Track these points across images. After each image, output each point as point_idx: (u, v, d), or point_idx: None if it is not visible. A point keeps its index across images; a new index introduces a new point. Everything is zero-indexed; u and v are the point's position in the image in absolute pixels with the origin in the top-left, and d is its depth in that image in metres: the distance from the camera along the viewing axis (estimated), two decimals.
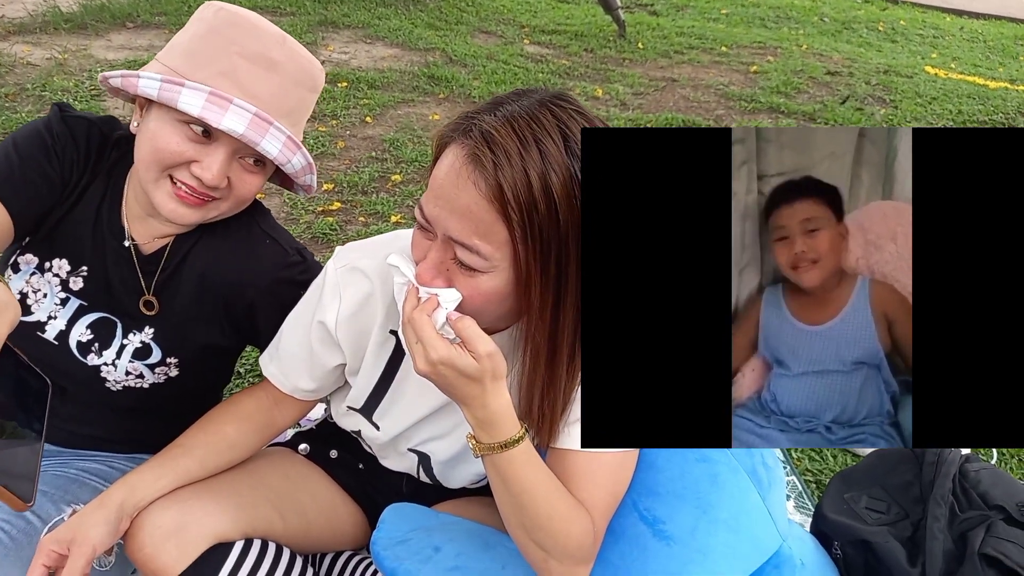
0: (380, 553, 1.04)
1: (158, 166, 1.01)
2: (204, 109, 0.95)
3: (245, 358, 1.98)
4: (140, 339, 1.14)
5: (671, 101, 4.53)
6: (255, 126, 0.97)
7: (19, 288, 1.10)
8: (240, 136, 0.97)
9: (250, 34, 1.00)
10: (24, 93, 3.61)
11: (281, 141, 1.00)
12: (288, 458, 1.22)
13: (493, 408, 0.85)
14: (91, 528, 0.95)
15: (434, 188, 0.84)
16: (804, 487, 1.71)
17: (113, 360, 1.13)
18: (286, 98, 1.03)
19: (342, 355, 1.06)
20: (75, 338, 1.12)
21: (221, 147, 1.00)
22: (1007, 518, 1.12)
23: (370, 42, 5.02)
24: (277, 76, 1.01)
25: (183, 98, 0.95)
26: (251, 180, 1.06)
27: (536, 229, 0.80)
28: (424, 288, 0.85)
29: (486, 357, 0.83)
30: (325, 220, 2.75)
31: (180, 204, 1.03)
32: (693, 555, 1.00)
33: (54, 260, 1.11)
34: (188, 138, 0.99)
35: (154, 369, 1.15)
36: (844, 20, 7.40)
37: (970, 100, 4.93)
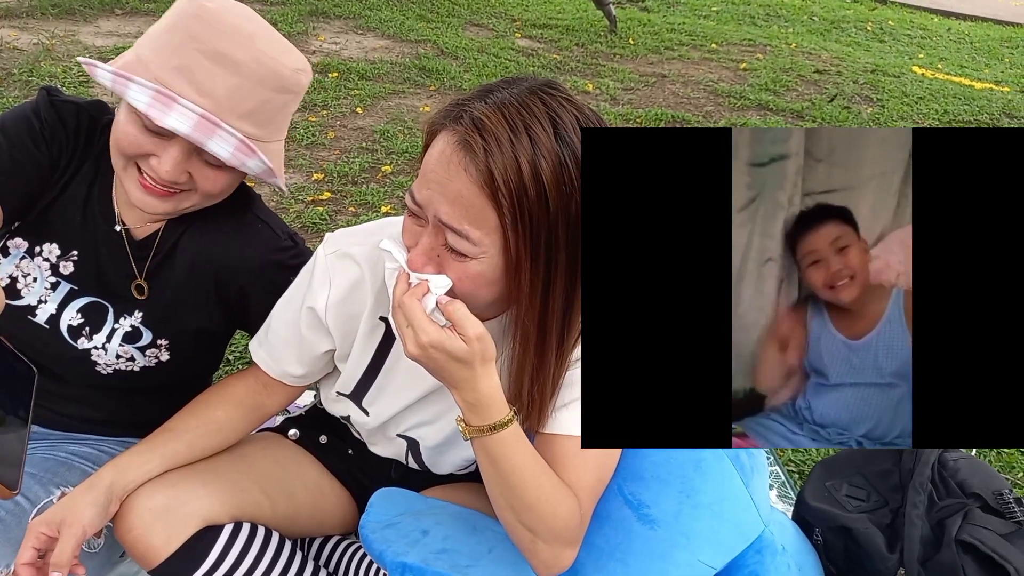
0: (368, 536, 1.06)
1: (121, 155, 1.01)
2: (150, 106, 0.94)
3: (234, 345, 1.98)
4: (131, 323, 1.14)
5: (661, 97, 4.55)
6: (201, 127, 0.96)
7: (8, 272, 1.10)
8: (186, 136, 0.96)
9: (214, 31, 0.98)
10: (11, 78, 3.58)
11: (232, 144, 0.98)
12: (278, 443, 1.22)
13: (483, 391, 0.86)
14: (81, 510, 0.95)
15: (425, 174, 0.85)
16: (787, 477, 1.74)
17: (103, 344, 1.13)
18: (244, 99, 0.99)
19: (331, 341, 1.07)
20: (65, 322, 1.12)
21: (176, 144, 0.99)
22: (984, 506, 1.15)
23: (361, 33, 5.01)
24: (236, 77, 0.98)
25: (131, 93, 0.95)
26: (214, 176, 1.04)
27: (526, 215, 0.81)
28: (415, 274, 0.86)
29: (475, 340, 0.84)
30: (315, 209, 2.75)
31: (146, 194, 1.02)
32: (677, 539, 1.01)
33: (44, 244, 1.11)
34: (144, 131, 0.99)
35: (145, 352, 1.15)
36: (833, 19, 7.45)
37: (956, 100, 4.99)
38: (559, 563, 0.93)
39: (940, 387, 0.76)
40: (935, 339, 0.76)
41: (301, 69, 1.05)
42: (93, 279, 1.12)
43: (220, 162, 1.02)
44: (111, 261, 1.12)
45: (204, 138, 0.97)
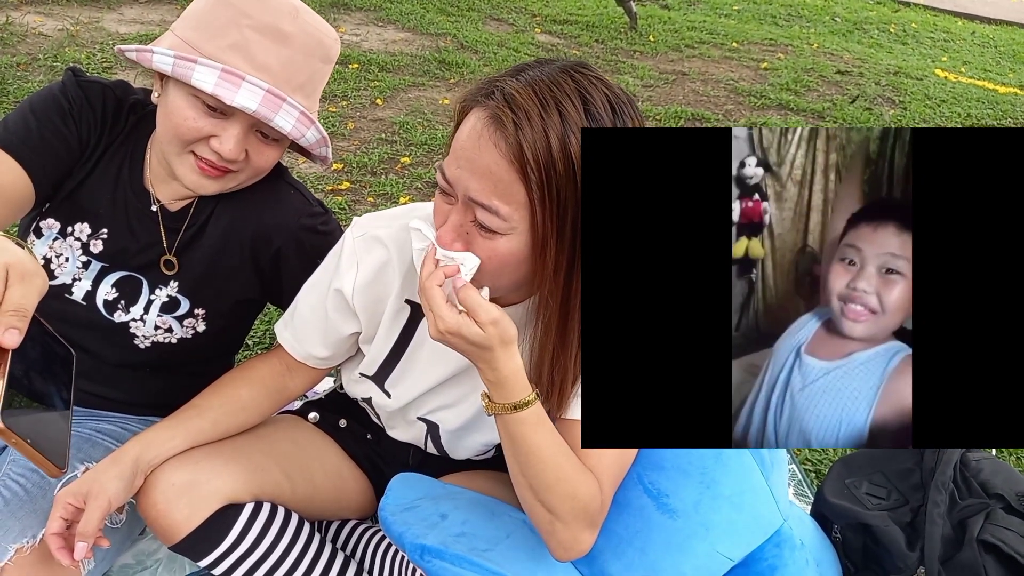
0: (388, 519, 1.06)
1: (179, 141, 1.02)
2: (217, 86, 0.95)
3: (254, 330, 2.00)
4: (167, 293, 1.15)
5: (680, 95, 4.53)
6: (268, 102, 0.98)
7: (42, 253, 1.11)
8: (253, 113, 0.97)
9: (261, 5, 1.00)
10: (36, 63, 3.61)
11: (295, 116, 1.01)
12: (298, 425, 1.23)
13: (503, 372, 0.87)
14: (107, 482, 0.97)
15: (456, 150, 0.85)
16: (804, 476, 1.73)
17: (141, 315, 1.14)
18: (298, 71, 1.02)
19: (357, 323, 1.07)
20: (101, 297, 1.13)
21: (237, 122, 1.01)
22: (1006, 507, 1.14)
23: (381, 25, 5.01)
24: (288, 48, 1.00)
25: (196, 75, 0.95)
26: (268, 152, 1.07)
27: (554, 190, 0.81)
28: (443, 251, 0.86)
29: (490, 324, 0.84)
30: (335, 199, 2.76)
31: (202, 176, 1.04)
32: (696, 529, 1.01)
33: (75, 224, 1.12)
34: (205, 113, 1.00)
35: (183, 322, 1.16)
36: (856, 20, 7.39)
37: (979, 104, 4.93)
38: (578, 545, 0.93)
39: (940, 387, 0.75)
40: (935, 338, 0.75)
41: (336, 39, 1.08)
42: (123, 256, 1.13)
43: (277, 137, 1.04)
44: (142, 237, 1.13)
45: (271, 113, 0.98)
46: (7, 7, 4.27)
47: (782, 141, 0.84)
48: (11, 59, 3.58)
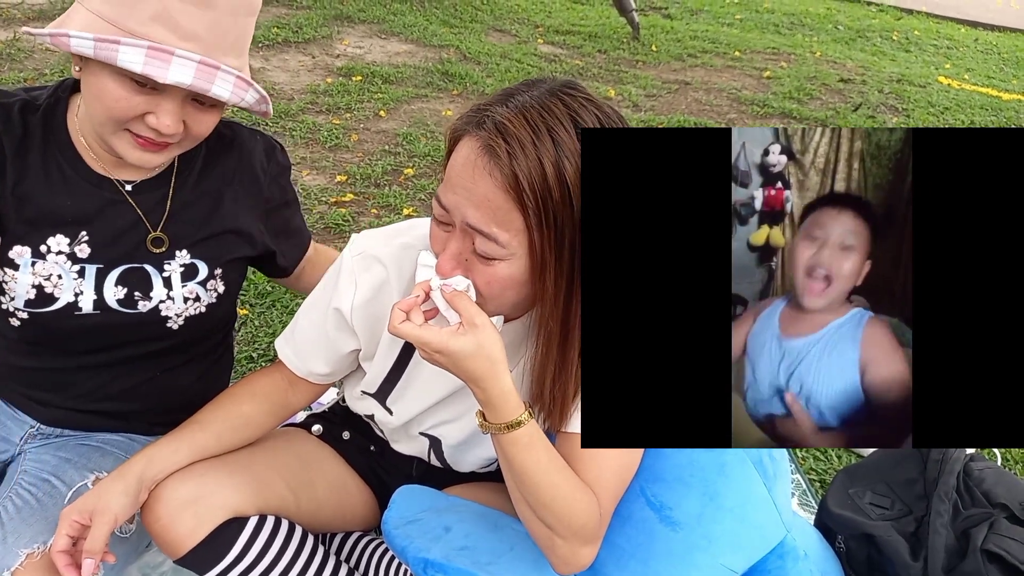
0: (391, 532, 1.07)
1: (114, 123, 0.98)
2: (147, 65, 0.90)
3: (257, 343, 2.00)
4: (179, 263, 1.12)
5: (683, 104, 4.54)
6: (202, 73, 0.93)
7: (30, 282, 1.06)
8: (188, 87, 0.93)
9: None
10: (43, 79, 3.65)
11: (231, 82, 0.97)
12: (301, 438, 1.24)
13: (493, 392, 0.88)
14: (112, 498, 0.97)
15: (451, 179, 0.86)
16: (808, 485, 1.72)
17: (168, 295, 1.12)
18: (227, 33, 0.97)
19: (357, 341, 1.08)
20: (112, 298, 1.09)
21: (171, 95, 0.96)
22: (1010, 516, 1.14)
23: (385, 37, 5.05)
24: (213, 11, 0.94)
25: (122, 55, 0.90)
26: (207, 119, 1.03)
27: (551, 216, 0.82)
28: (437, 279, 0.88)
29: (477, 326, 0.85)
30: (338, 211, 2.77)
31: (144, 151, 1.01)
32: (698, 541, 1.01)
33: (47, 241, 1.06)
34: (135, 91, 0.95)
35: (206, 286, 1.14)
36: (858, 28, 7.40)
37: (983, 111, 4.93)
38: (577, 560, 0.94)
39: (940, 387, 0.76)
40: (935, 338, 0.75)
41: None
42: (112, 249, 1.09)
43: (214, 103, 1.01)
44: (124, 223, 1.10)
45: (207, 84, 0.94)
46: (14, 23, 4.32)
47: (806, 132, 0.88)
48: (18, 75, 3.62)
